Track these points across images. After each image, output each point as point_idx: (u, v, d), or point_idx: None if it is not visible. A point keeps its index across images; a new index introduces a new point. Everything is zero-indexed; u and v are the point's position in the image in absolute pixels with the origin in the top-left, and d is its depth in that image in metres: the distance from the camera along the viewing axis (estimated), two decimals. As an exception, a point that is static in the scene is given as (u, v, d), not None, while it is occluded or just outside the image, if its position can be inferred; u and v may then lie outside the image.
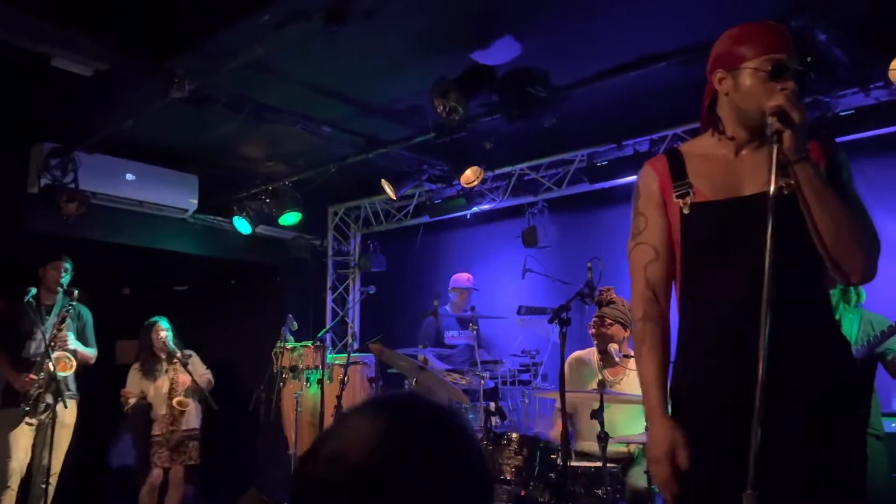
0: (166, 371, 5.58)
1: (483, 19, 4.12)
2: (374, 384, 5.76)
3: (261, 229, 6.73)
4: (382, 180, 6.04)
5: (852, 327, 3.68)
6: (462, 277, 6.09)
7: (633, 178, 5.33)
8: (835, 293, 3.69)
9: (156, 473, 5.46)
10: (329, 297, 7.52)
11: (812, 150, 1.74)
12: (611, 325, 4.29)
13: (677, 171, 1.93)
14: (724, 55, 1.86)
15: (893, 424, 4.07)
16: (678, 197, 1.89)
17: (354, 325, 7.45)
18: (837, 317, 3.62)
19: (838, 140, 4.48)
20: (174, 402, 5.48)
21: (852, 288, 3.71)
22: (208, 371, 5.78)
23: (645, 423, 4.04)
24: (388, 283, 6.83)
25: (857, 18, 3.88)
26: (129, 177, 5.94)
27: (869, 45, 4.08)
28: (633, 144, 5.36)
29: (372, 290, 5.87)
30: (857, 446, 1.77)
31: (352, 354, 5.61)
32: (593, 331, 4.36)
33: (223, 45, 3.99)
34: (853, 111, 4.47)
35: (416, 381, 4.71)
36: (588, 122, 5.22)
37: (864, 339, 3.58)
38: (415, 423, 0.91)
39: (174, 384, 5.54)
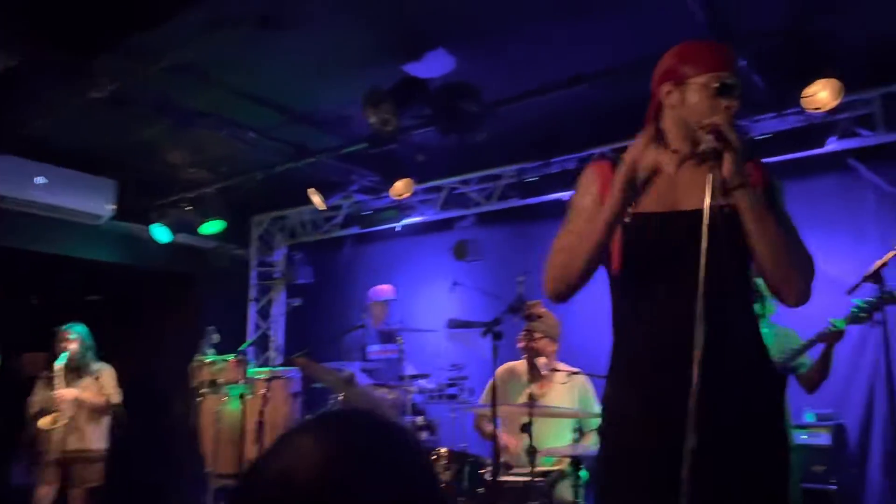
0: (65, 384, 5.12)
1: (417, 32, 4.11)
2: (297, 399, 5.62)
3: (181, 238, 6.49)
4: (310, 190, 5.94)
5: (768, 341, 3.82)
6: (383, 289, 6.02)
7: (560, 194, 5.49)
8: (756, 306, 3.82)
9: (42, 492, 5.02)
10: (252, 310, 7.32)
11: (752, 174, 1.79)
12: (539, 338, 4.32)
13: None
14: (672, 69, 1.89)
15: (803, 436, 4.25)
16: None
17: (278, 338, 7.27)
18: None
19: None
20: (38, 422, 4.99)
21: (768, 302, 3.85)
22: (117, 392, 5.36)
23: (572, 436, 4.13)
24: (315, 296, 6.69)
25: (774, 47, 4.08)
26: (40, 180, 5.63)
27: (785, 73, 4.28)
28: (562, 162, 5.46)
29: (297, 302, 5.74)
30: (784, 459, 1.83)
31: (275, 369, 5.47)
32: (522, 344, 4.38)
33: (149, 45, 3.84)
34: (770, 135, 4.68)
35: (343, 396, 4.63)
36: (518, 138, 5.28)
37: (779, 352, 3.73)
38: (365, 440, 0.86)
39: (52, 400, 5.02)
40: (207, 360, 5.63)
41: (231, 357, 5.63)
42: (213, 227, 6.31)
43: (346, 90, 4.50)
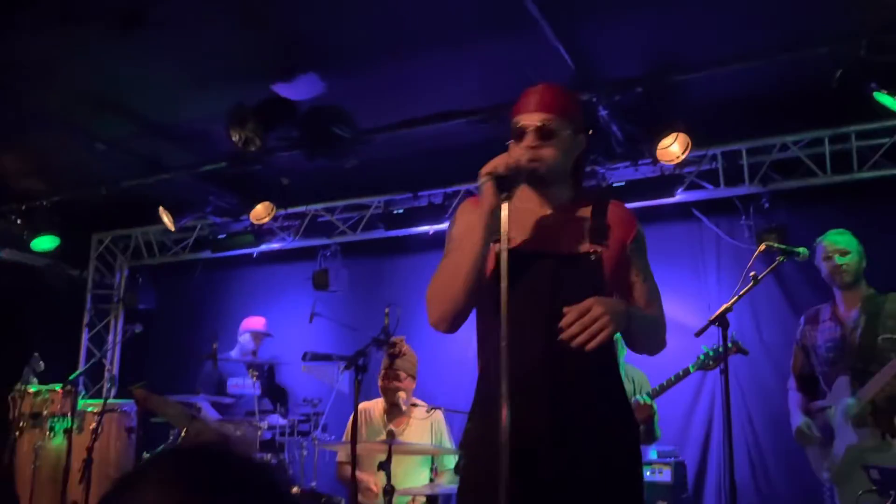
0: None
1: (289, 51, 4.00)
2: (132, 435, 5.18)
3: (7, 253, 5.86)
4: (160, 208, 5.57)
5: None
6: (258, 321, 5.74)
7: (427, 228, 5.48)
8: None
9: None
10: (85, 335, 6.70)
11: (623, 223, 1.92)
12: (403, 377, 4.22)
13: None
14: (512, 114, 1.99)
15: (646, 473, 4.43)
16: (494, 241, 1.86)
17: (114, 367, 6.69)
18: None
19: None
20: None
21: (621, 344, 3.99)
22: None
23: (429, 475, 4.05)
24: (159, 323, 6.27)
25: (633, 100, 4.33)
26: None
27: (640, 125, 4.55)
28: (429, 196, 5.48)
29: (138, 328, 5.31)
30: (636, 489, 1.88)
31: (109, 401, 5.00)
32: (384, 382, 4.24)
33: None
34: (624, 183, 4.94)
35: (185, 432, 4.29)
36: (387, 169, 5.24)
37: (633, 393, 3.87)
38: (225, 482, 0.74)
39: None
40: (29, 390, 5.06)
41: (58, 387, 5.09)
42: (45, 243, 5.79)
43: (210, 105, 4.28)
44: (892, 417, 3.12)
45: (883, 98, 3.89)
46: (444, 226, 5.31)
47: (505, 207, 1.74)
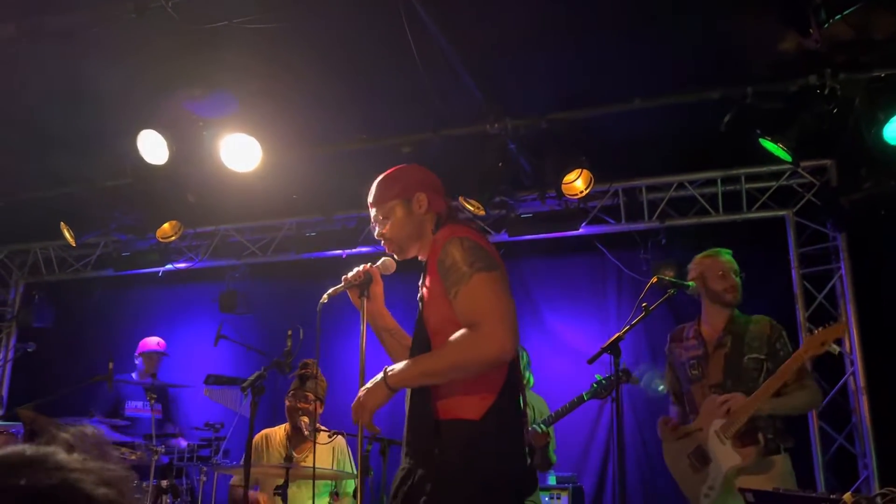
0: None
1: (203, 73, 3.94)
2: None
3: None
4: (62, 223, 5.36)
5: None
6: (151, 341, 5.56)
7: (340, 251, 5.45)
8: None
9: None
10: (-27, 354, 6.34)
11: (432, 254, 2.04)
12: (311, 399, 4.17)
13: None
14: None
15: (545, 498, 4.51)
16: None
17: (3, 388, 6.34)
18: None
19: (519, 238, 5.03)
20: None
21: (528, 374, 4.07)
22: None
23: (329, 501, 4.00)
24: (56, 342, 5.99)
25: (539, 135, 4.47)
26: None
27: (547, 159, 4.70)
28: (343, 220, 5.46)
29: (30, 347, 5.08)
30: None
31: (-6, 423, 4.73)
32: (291, 402, 4.16)
33: None
34: (531, 214, 5.08)
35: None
36: (300, 190, 5.21)
37: (530, 421, 3.93)
38: None
39: None
40: None
41: (-63, 408, 4.80)
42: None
43: (118, 116, 4.16)
44: (759, 434, 3.15)
45: (767, 144, 4.15)
46: (358, 249, 5.31)
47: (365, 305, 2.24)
